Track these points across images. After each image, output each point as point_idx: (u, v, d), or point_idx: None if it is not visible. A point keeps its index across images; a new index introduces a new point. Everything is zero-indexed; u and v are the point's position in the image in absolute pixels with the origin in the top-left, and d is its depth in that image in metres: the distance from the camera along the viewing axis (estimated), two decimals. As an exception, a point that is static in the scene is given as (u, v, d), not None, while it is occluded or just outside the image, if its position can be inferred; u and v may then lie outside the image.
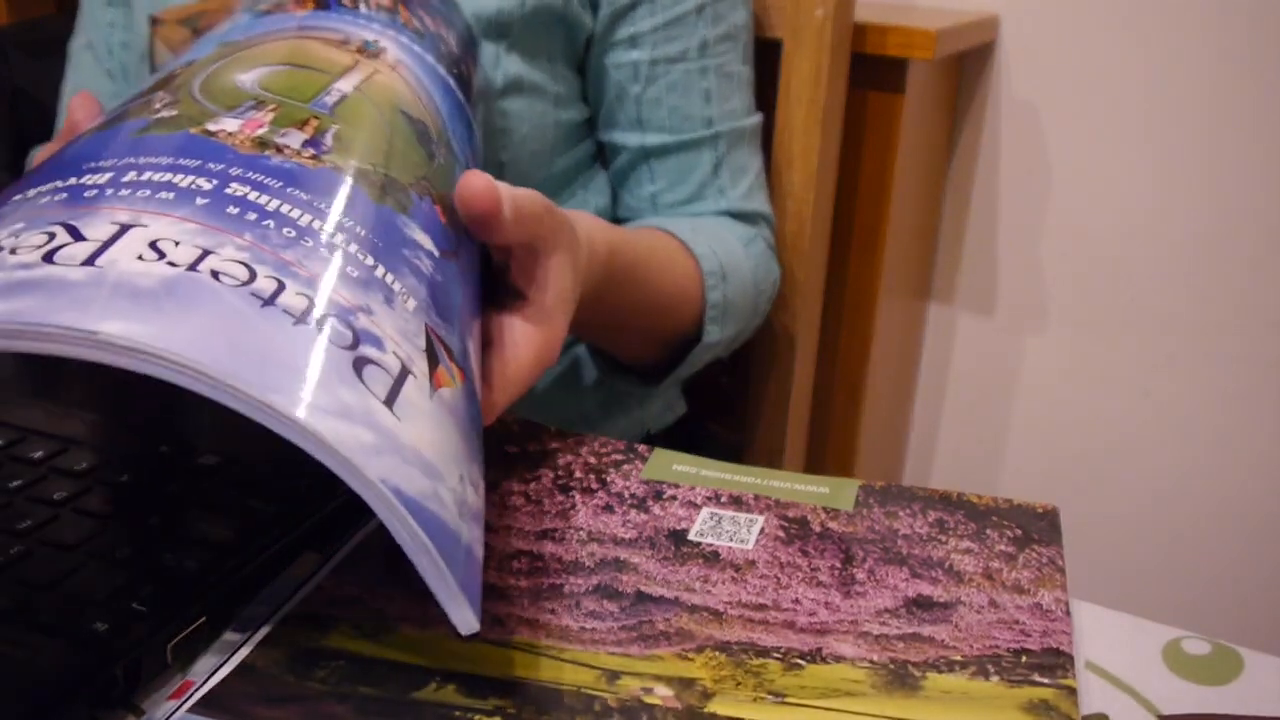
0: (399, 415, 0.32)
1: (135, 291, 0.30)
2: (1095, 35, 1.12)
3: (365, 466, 0.30)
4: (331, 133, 0.39)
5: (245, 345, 0.30)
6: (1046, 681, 0.35)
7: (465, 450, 0.35)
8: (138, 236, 0.32)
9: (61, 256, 0.30)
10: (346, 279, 0.34)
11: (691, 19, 0.71)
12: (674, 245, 0.67)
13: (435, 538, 0.30)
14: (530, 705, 0.33)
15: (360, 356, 0.32)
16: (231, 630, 0.38)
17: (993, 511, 0.44)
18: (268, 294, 0.32)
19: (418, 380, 0.34)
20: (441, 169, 0.43)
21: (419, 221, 0.39)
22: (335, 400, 0.30)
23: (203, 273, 0.31)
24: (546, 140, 0.70)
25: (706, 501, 0.45)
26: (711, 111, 0.73)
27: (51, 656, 0.34)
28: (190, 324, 0.30)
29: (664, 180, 0.74)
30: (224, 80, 0.41)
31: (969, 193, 1.23)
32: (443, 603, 0.31)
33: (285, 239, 0.34)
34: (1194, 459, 1.19)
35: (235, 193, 0.35)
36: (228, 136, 0.37)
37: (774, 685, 0.34)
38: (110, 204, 0.33)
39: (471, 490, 0.34)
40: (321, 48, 0.44)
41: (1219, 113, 1.09)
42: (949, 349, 1.30)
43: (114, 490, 0.43)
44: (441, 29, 0.53)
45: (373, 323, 0.33)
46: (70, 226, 0.32)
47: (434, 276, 0.38)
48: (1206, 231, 1.13)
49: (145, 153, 0.36)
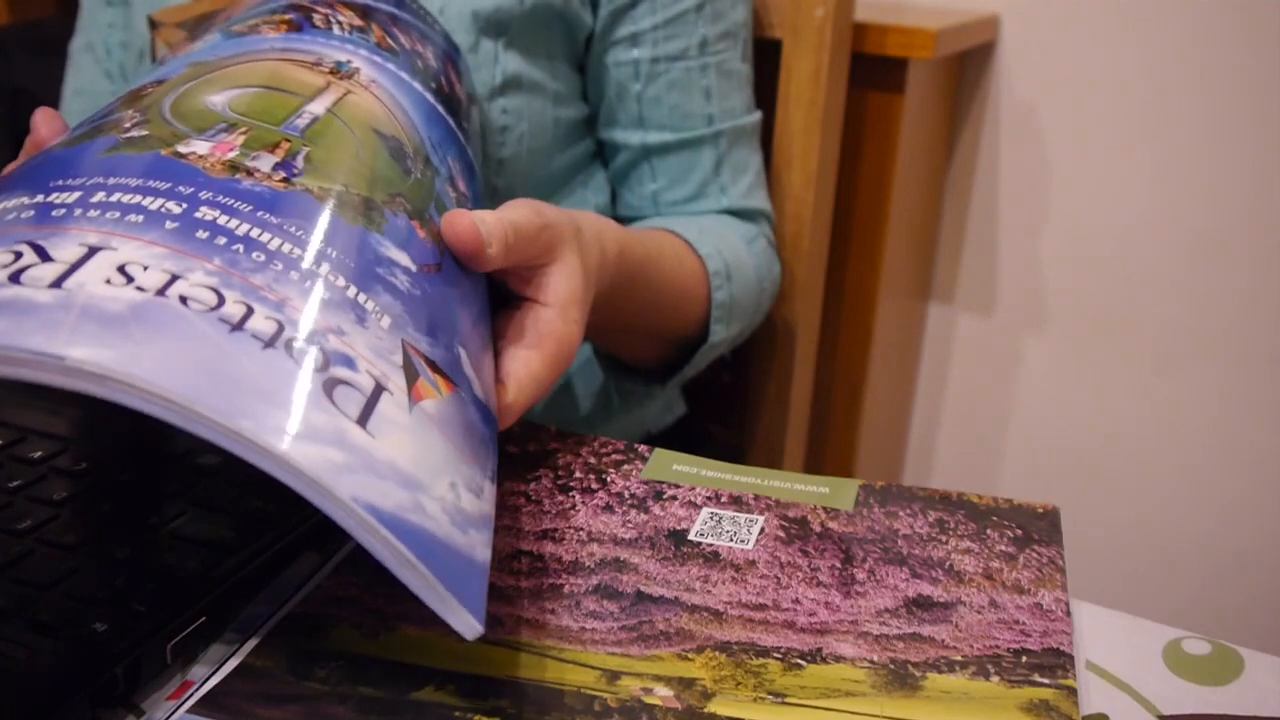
0: (373, 432, 0.32)
1: (103, 316, 0.29)
2: (1095, 35, 1.12)
3: (335, 486, 0.29)
4: (302, 155, 0.39)
5: (213, 371, 0.30)
6: (1046, 681, 0.35)
7: (459, 456, 0.35)
8: (106, 260, 0.31)
9: (28, 278, 0.30)
10: (316, 302, 0.34)
11: (691, 16, 0.71)
12: (680, 245, 0.67)
13: (419, 549, 0.30)
14: (530, 705, 0.33)
15: (331, 378, 0.32)
16: (231, 630, 0.38)
17: (993, 511, 0.44)
18: (236, 319, 0.31)
19: (394, 396, 0.34)
20: (418, 184, 0.43)
21: (394, 239, 0.39)
22: (304, 423, 0.30)
23: (170, 298, 0.31)
24: (545, 138, 0.70)
25: (706, 501, 0.45)
26: (712, 109, 0.73)
27: (51, 656, 0.34)
28: (157, 349, 0.29)
29: (665, 178, 0.74)
30: (195, 101, 0.40)
31: (969, 193, 1.23)
32: (439, 613, 0.30)
33: (254, 263, 0.34)
34: (1194, 459, 1.19)
35: (205, 217, 0.34)
36: (198, 159, 0.37)
37: (774, 685, 0.34)
38: (79, 225, 0.32)
39: (469, 495, 0.34)
40: (294, 70, 0.44)
41: (1218, 113, 1.09)
42: (949, 349, 1.30)
43: (114, 490, 0.43)
44: (418, 45, 0.53)
45: (344, 343, 0.33)
46: (37, 246, 0.31)
47: (411, 292, 0.38)
48: (1206, 231, 1.13)
49: (115, 173, 0.35)
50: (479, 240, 0.42)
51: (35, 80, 0.96)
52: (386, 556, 0.30)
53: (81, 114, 0.80)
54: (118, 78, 0.78)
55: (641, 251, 0.60)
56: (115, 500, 0.42)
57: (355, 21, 0.49)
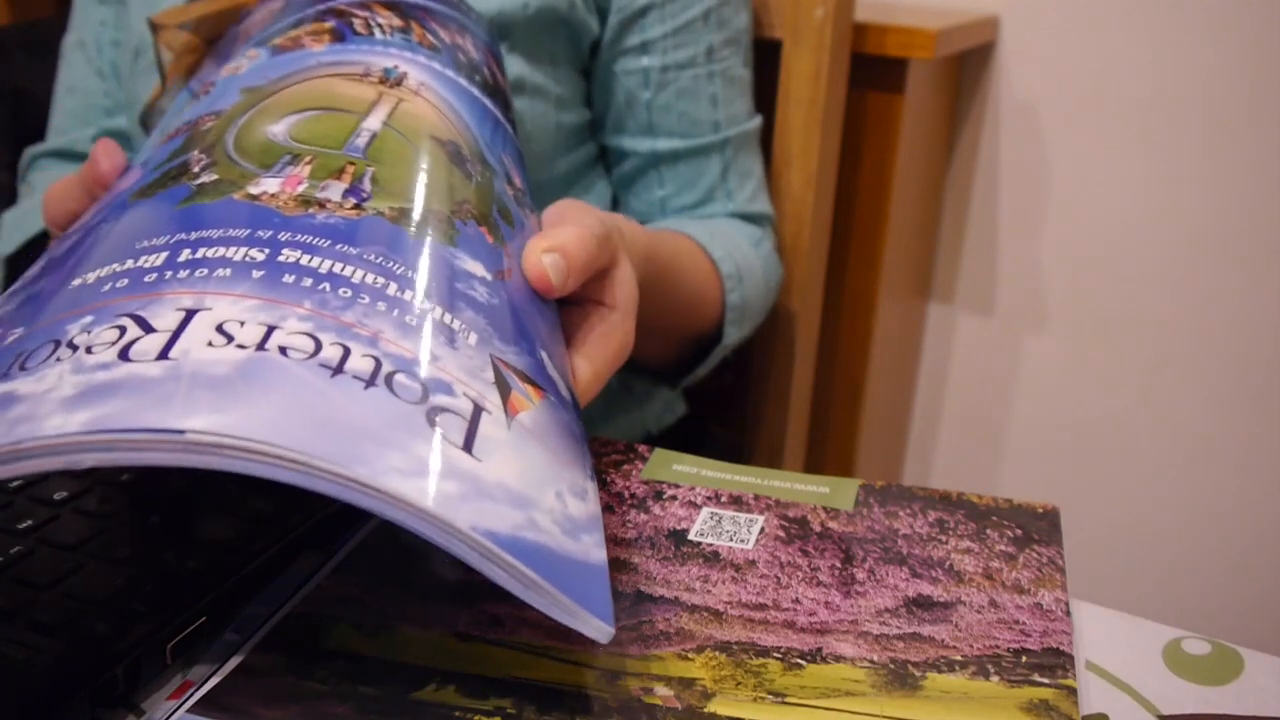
0: (479, 456, 0.32)
1: (212, 381, 0.30)
2: (1095, 35, 1.12)
3: (454, 518, 0.30)
4: (368, 176, 0.40)
5: (322, 421, 0.30)
6: (1046, 681, 0.35)
7: (559, 462, 0.35)
8: (204, 321, 0.32)
9: (136, 352, 0.31)
10: (406, 329, 0.34)
11: (699, 25, 0.72)
12: (694, 248, 0.68)
13: (540, 567, 0.31)
14: (530, 705, 0.33)
15: (433, 407, 0.33)
16: (231, 630, 0.38)
17: (993, 511, 0.45)
18: (335, 362, 0.32)
19: (493, 415, 0.34)
20: (480, 186, 0.43)
21: (467, 250, 0.40)
22: (414, 459, 0.31)
23: (270, 350, 0.31)
24: (548, 142, 0.70)
25: (706, 501, 0.45)
26: (718, 115, 0.74)
27: (51, 656, 0.34)
28: (267, 407, 0.30)
29: (673, 185, 0.75)
30: (255, 134, 0.41)
31: (969, 193, 1.23)
32: (568, 624, 0.31)
33: (343, 300, 0.34)
34: (1194, 459, 1.19)
35: (288, 259, 0.35)
36: (271, 199, 0.37)
37: (774, 685, 0.34)
38: (171, 288, 0.33)
39: (575, 500, 0.35)
40: (344, 84, 0.44)
41: (1218, 113, 1.09)
42: (949, 349, 1.30)
43: (114, 490, 0.43)
44: (457, 38, 0.53)
45: (439, 369, 0.34)
46: (138, 318, 0.32)
47: (490, 302, 0.38)
48: (1205, 231, 1.13)
49: (195, 226, 0.36)
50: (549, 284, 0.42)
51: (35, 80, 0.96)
52: (508, 581, 0.30)
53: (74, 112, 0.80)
54: (109, 76, 0.79)
55: (667, 254, 0.61)
56: (116, 500, 0.42)
57: (395, 21, 0.50)
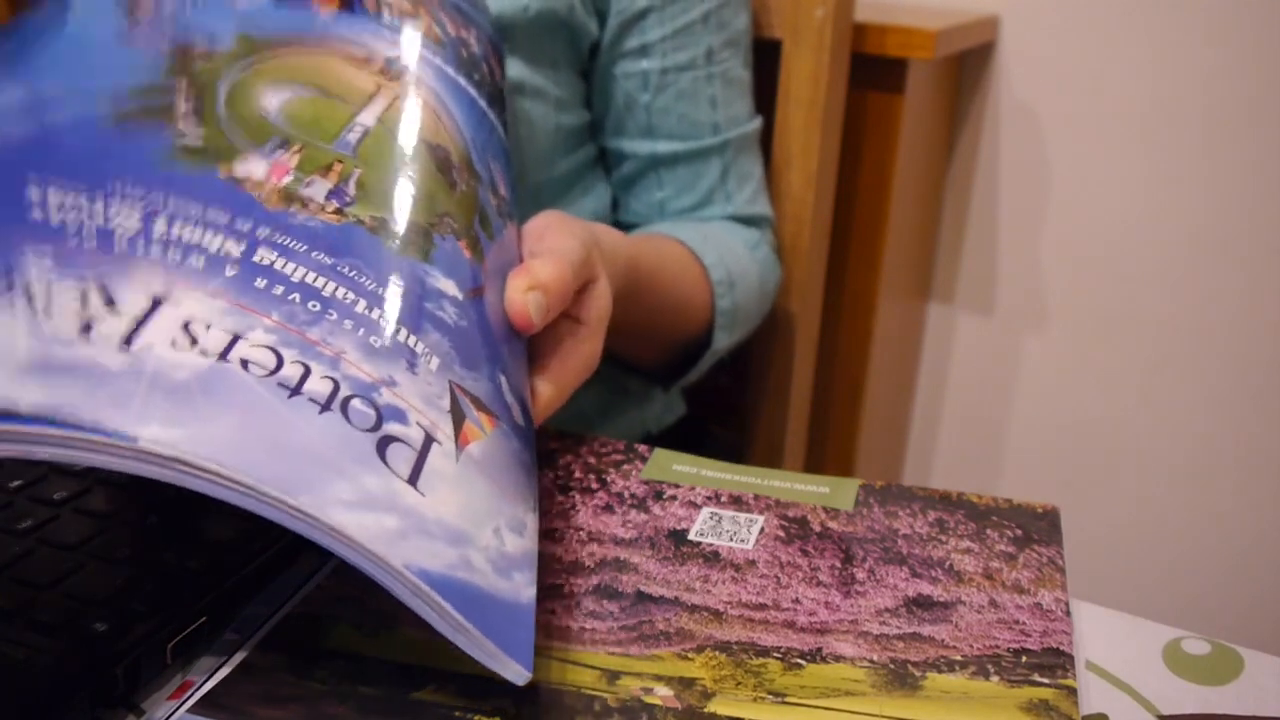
0: (423, 490, 0.33)
1: (171, 387, 0.31)
2: (1095, 36, 1.12)
3: (389, 555, 0.30)
4: (354, 179, 0.40)
5: (273, 445, 0.31)
6: (1046, 681, 0.35)
7: (502, 496, 0.36)
8: (171, 316, 0.32)
9: (98, 335, 0.31)
10: (369, 351, 0.35)
11: (698, 27, 0.72)
12: (684, 254, 0.68)
13: (466, 608, 0.31)
14: (530, 705, 0.33)
15: (384, 436, 0.33)
16: (231, 630, 0.38)
17: (993, 511, 0.45)
18: (294, 382, 0.33)
19: (443, 445, 0.35)
20: (464, 197, 0.44)
21: (442, 267, 0.40)
22: (359, 490, 0.31)
23: (232, 362, 0.32)
24: (547, 143, 0.70)
25: (706, 501, 0.45)
26: (718, 117, 0.74)
27: (51, 656, 0.34)
28: (222, 424, 0.30)
29: (673, 187, 0.75)
30: (249, 104, 0.41)
31: (969, 193, 1.23)
32: (487, 665, 0.31)
33: (311, 314, 0.35)
34: (1194, 459, 1.19)
35: (262, 261, 0.35)
36: (255, 186, 0.38)
37: (774, 685, 0.34)
38: (142, 264, 0.33)
39: (512, 536, 0.35)
40: (345, 68, 0.45)
41: (1218, 113, 1.09)
42: (949, 349, 1.30)
43: (114, 490, 0.43)
44: (462, 30, 0.53)
45: (395, 395, 0.34)
46: (103, 288, 0.32)
47: (458, 324, 0.39)
48: (1205, 231, 1.13)
49: (174, 190, 0.36)
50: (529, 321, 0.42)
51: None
52: (436, 620, 0.31)
53: None
54: None
55: (652, 260, 0.61)
56: (115, 500, 0.42)
57: (404, 6, 0.49)
